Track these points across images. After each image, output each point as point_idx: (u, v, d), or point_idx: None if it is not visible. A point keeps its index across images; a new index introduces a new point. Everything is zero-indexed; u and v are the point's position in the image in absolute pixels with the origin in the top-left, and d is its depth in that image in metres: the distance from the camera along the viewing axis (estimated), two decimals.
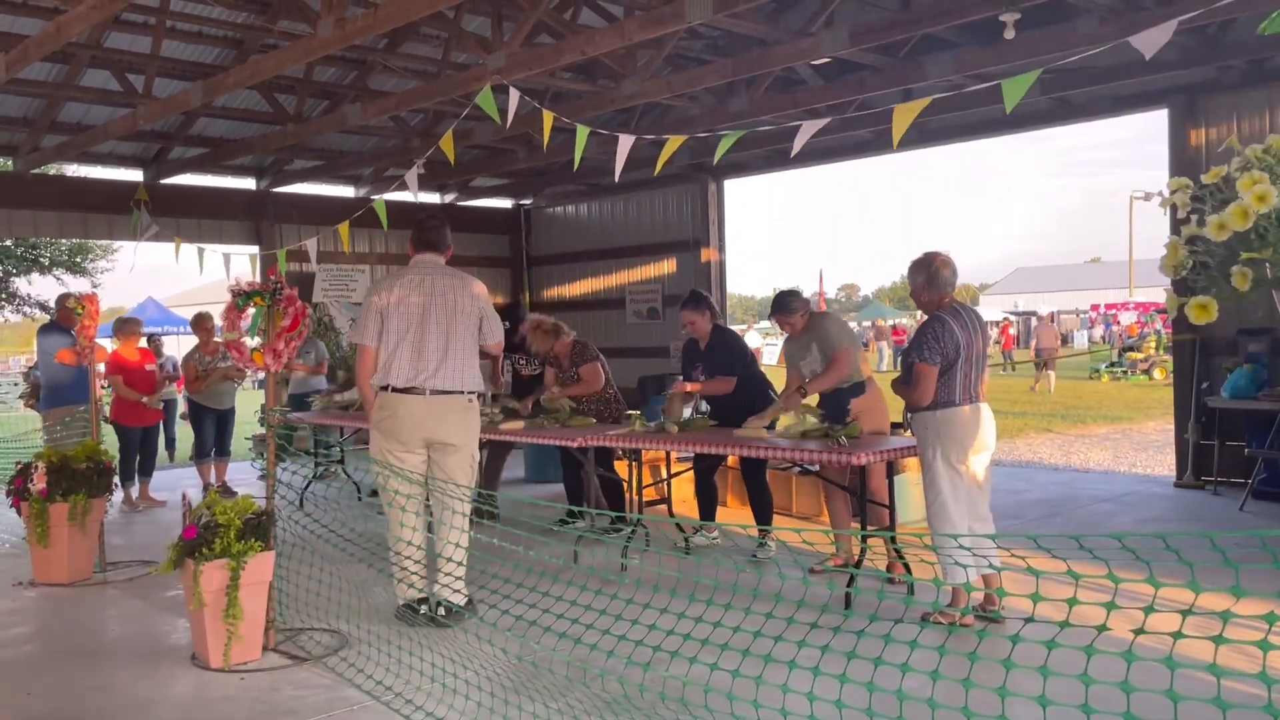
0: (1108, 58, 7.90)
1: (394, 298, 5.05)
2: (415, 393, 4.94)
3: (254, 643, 4.56)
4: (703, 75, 7.95)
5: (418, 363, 4.95)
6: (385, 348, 5.02)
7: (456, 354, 5.02)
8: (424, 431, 4.97)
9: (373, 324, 5.05)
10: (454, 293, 5.11)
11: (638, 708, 3.61)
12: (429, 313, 5.02)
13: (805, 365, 6.00)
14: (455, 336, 5.03)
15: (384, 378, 5.00)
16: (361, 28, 6.18)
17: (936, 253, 5.14)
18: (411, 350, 4.97)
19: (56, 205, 11.03)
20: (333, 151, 11.81)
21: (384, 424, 5.02)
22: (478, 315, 5.15)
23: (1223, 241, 2.02)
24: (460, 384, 5.03)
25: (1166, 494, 8.33)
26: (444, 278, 5.16)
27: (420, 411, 4.95)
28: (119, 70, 8.83)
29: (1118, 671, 2.16)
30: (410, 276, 5.14)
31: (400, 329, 4.99)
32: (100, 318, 7.27)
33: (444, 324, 5.02)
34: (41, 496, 6.07)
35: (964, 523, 4.79)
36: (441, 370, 4.97)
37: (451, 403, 5.00)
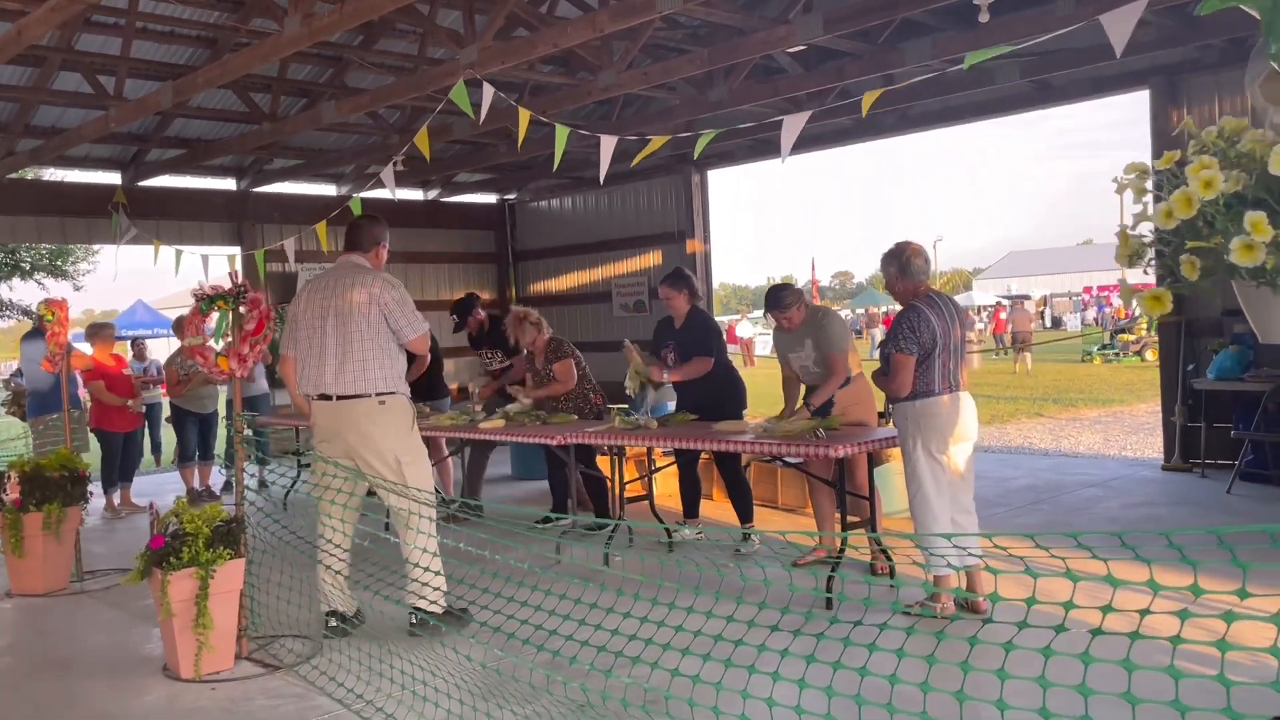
0: (1087, 38, 7.82)
1: (302, 304, 4.96)
2: (325, 399, 4.84)
3: (226, 652, 4.50)
4: (679, 66, 7.87)
5: (319, 368, 4.83)
6: (298, 354, 4.96)
7: (356, 355, 4.78)
8: (342, 439, 4.83)
9: (288, 332, 5.02)
10: (351, 292, 4.83)
11: (602, 716, 3.55)
12: (327, 315, 4.84)
13: (797, 359, 5.89)
14: (354, 336, 4.78)
15: (302, 386, 4.96)
16: (328, 24, 6.08)
17: (908, 242, 5.09)
18: (315, 356, 4.86)
19: (34, 210, 10.93)
20: (312, 150, 11.71)
21: (314, 431, 5.02)
22: (379, 313, 4.82)
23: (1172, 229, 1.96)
24: (365, 386, 4.79)
25: (1154, 477, 8.29)
26: (344, 278, 4.90)
27: (332, 418, 4.84)
28: (90, 72, 8.72)
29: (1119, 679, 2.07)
30: (316, 281, 5.03)
31: (306, 335, 4.90)
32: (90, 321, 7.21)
33: (341, 325, 4.80)
34: (15, 506, 6.00)
35: (946, 514, 4.75)
36: (342, 374, 4.79)
37: (359, 406, 4.80)
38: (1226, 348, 7.94)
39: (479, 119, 6.61)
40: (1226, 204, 1.88)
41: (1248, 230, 1.82)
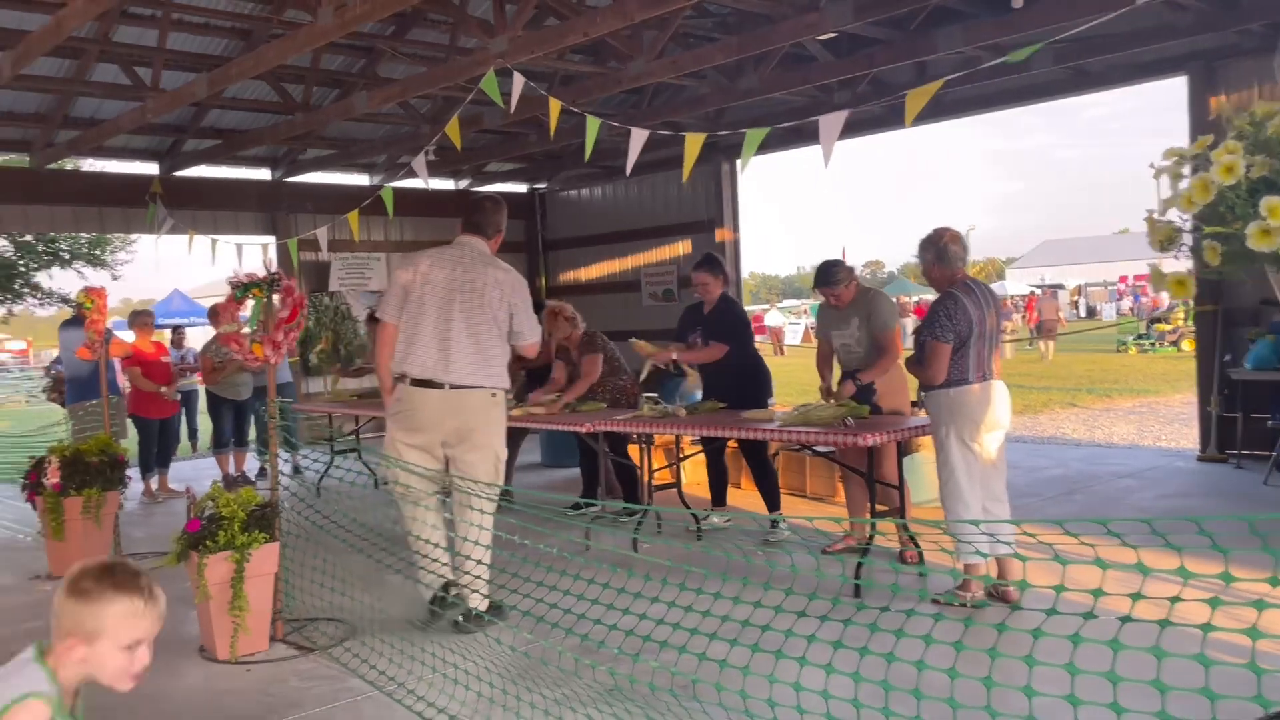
0: (1123, 25, 7.74)
1: (420, 274, 4.66)
2: (433, 386, 4.58)
3: (261, 634, 4.58)
4: (709, 54, 7.85)
5: (437, 351, 4.57)
6: (405, 329, 4.64)
7: (478, 348, 4.61)
8: (442, 430, 4.61)
9: (395, 298, 4.69)
10: (485, 282, 4.65)
11: (630, 698, 3.58)
12: (455, 299, 4.61)
13: (840, 338, 5.86)
14: (480, 327, 4.61)
15: (401, 364, 4.64)
16: (360, 14, 6.13)
17: (945, 229, 5.07)
18: (429, 337, 4.58)
19: (73, 200, 11.11)
20: (345, 140, 11.81)
21: (398, 415, 4.68)
22: (507, 312, 4.70)
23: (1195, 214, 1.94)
24: (483, 378, 4.62)
25: (1189, 468, 8.20)
26: (477, 264, 4.70)
27: (438, 407, 4.58)
28: (127, 64, 8.84)
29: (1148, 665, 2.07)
30: (441, 254, 4.75)
31: (421, 312, 4.61)
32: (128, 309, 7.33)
33: (467, 312, 4.60)
34: (55, 490, 6.12)
35: (977, 502, 4.73)
36: (461, 362, 4.58)
37: (472, 398, 4.62)
38: (1264, 337, 7.83)
39: (509, 108, 6.64)
40: (1251, 189, 1.87)
41: (1264, 215, 1.80)
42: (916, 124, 10.72)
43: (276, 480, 4.77)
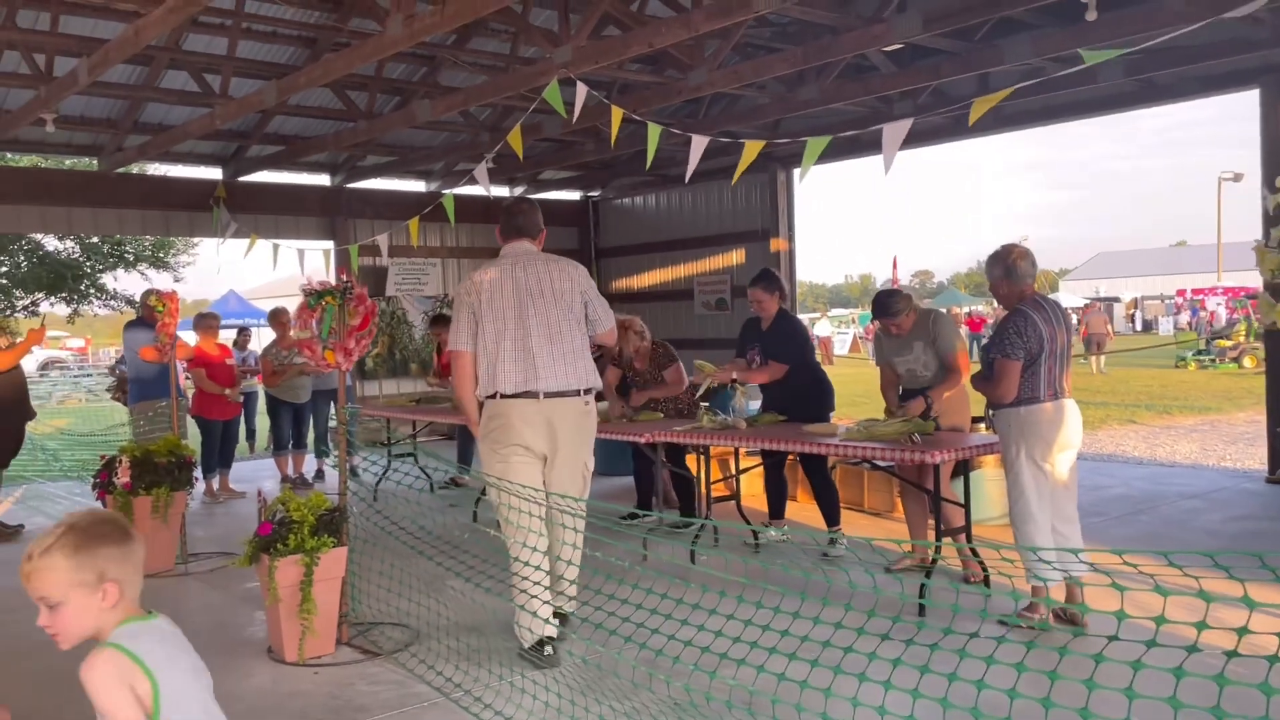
0: (1196, 37, 7.60)
1: (485, 293, 4.51)
2: (528, 397, 4.41)
3: (328, 637, 4.63)
4: (771, 64, 7.83)
5: (525, 364, 4.42)
6: (485, 352, 4.48)
7: (566, 348, 4.48)
8: (541, 437, 4.44)
9: (466, 325, 4.54)
10: (551, 278, 4.53)
11: (703, 716, 3.57)
12: (527, 305, 4.47)
13: (904, 363, 5.81)
14: (562, 328, 4.48)
15: (490, 385, 4.47)
16: (430, 25, 6.20)
17: (1014, 245, 5.01)
18: (516, 350, 4.43)
19: (140, 204, 11.36)
20: (404, 147, 11.95)
21: (496, 431, 4.47)
22: (581, 301, 4.58)
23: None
24: (574, 381, 4.48)
25: (1257, 490, 8.00)
26: (539, 264, 4.59)
27: (535, 415, 4.42)
28: (196, 71, 9.02)
29: (1209, 694, 2.04)
30: (500, 267, 4.59)
31: (498, 328, 4.46)
32: (190, 312, 7.47)
33: (546, 315, 4.47)
34: (125, 490, 6.24)
35: (1047, 523, 4.66)
36: (552, 368, 4.43)
37: (568, 405, 4.46)
38: None
39: (572, 117, 6.68)
40: None
41: None
42: (978, 134, 10.67)
43: (345, 485, 4.83)
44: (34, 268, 21.63)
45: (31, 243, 21.59)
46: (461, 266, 13.71)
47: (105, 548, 1.98)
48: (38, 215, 11.01)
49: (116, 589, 1.97)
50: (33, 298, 22.05)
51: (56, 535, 1.97)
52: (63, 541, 1.96)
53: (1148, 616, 2.23)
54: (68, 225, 12.02)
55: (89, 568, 1.95)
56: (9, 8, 7.55)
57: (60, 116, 8.90)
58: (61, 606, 1.95)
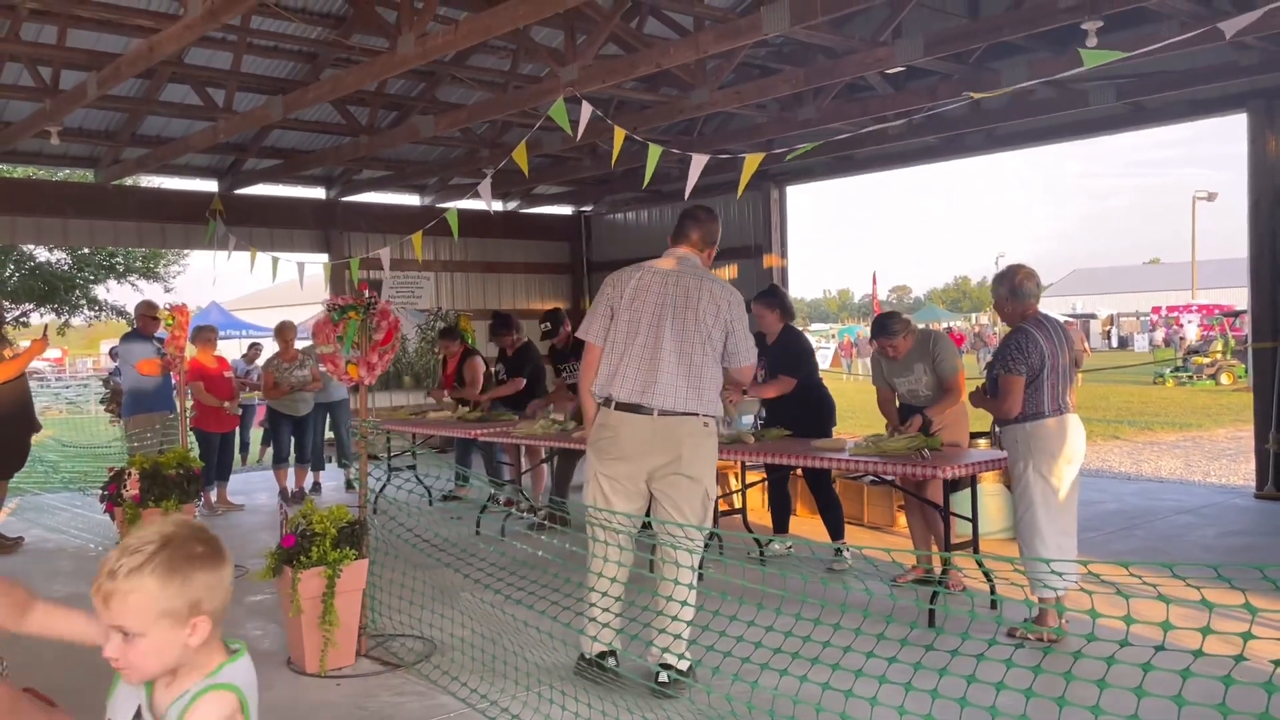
0: (1185, 62, 7.80)
1: (628, 292, 4.27)
2: (641, 411, 4.18)
3: (348, 649, 4.67)
4: (773, 85, 7.97)
5: (646, 374, 4.19)
6: (611, 351, 4.27)
7: (693, 370, 4.21)
8: (649, 459, 4.18)
9: (600, 319, 4.32)
10: (699, 298, 4.25)
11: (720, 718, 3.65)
12: (665, 316, 4.22)
13: (905, 384, 5.91)
14: (694, 350, 4.22)
15: (606, 387, 4.27)
16: (442, 44, 6.29)
17: (1020, 266, 5.16)
18: (641, 357, 4.21)
19: (136, 216, 11.36)
20: (401, 161, 12.01)
21: (603, 442, 4.25)
22: (722, 331, 4.29)
23: None
24: (696, 404, 4.21)
25: (1247, 505, 8.17)
26: (690, 279, 4.29)
27: (645, 435, 4.18)
28: (199, 85, 9.06)
29: (1214, 694, 2.16)
30: (652, 270, 4.33)
31: (631, 330, 4.24)
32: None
33: (681, 333, 4.21)
34: (134, 502, 6.25)
35: (1053, 537, 4.77)
36: (674, 387, 4.18)
37: (685, 425, 4.20)
38: None
39: (577, 135, 6.77)
40: None
41: None
42: (967, 155, 10.86)
43: (365, 497, 4.88)
44: (25, 278, 21.53)
45: (22, 253, 21.47)
46: (455, 280, 13.77)
47: (201, 573, 1.65)
48: (33, 226, 10.98)
49: (208, 623, 1.65)
50: (22, 308, 21.91)
51: (149, 552, 1.62)
52: (157, 561, 1.62)
53: (1153, 622, 2.34)
54: (63, 236, 11.96)
55: (181, 595, 1.62)
56: (13, 21, 7.58)
57: (61, 129, 8.90)
58: (139, 639, 1.62)
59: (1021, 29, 6.42)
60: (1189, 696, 2.12)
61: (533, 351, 8.86)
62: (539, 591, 4.67)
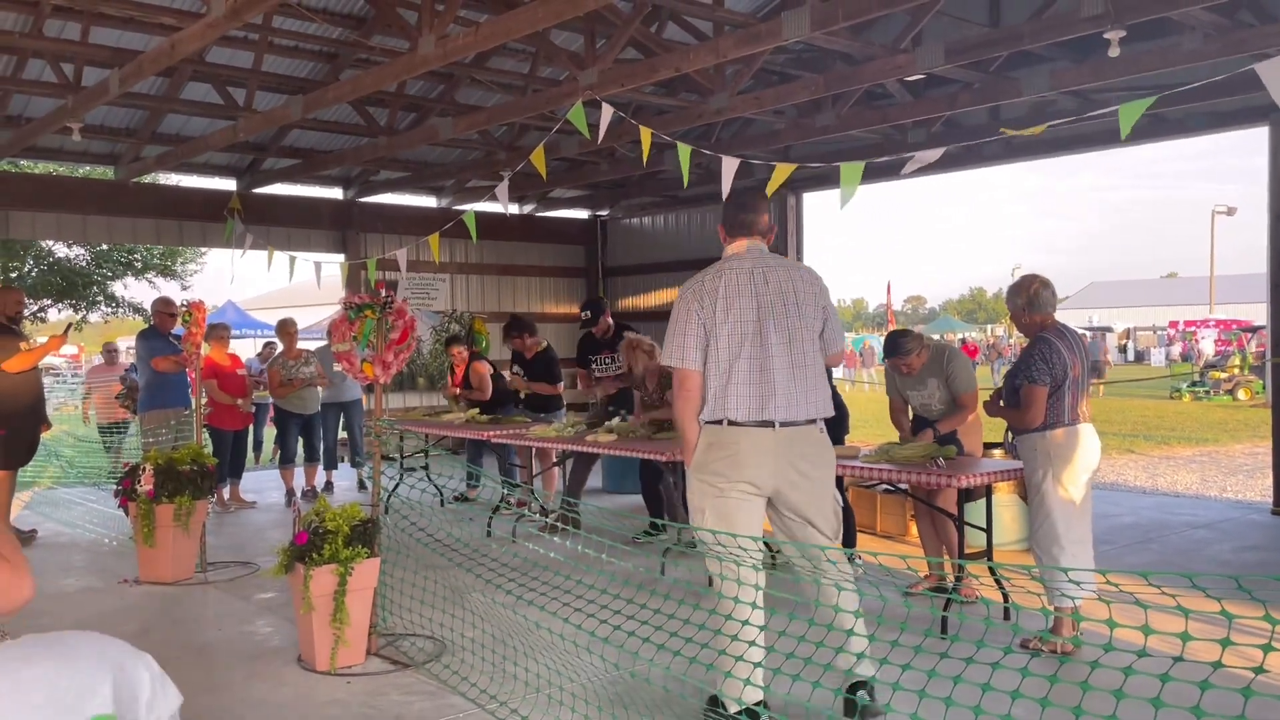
0: (1207, 74, 7.74)
1: (720, 304, 3.83)
2: (763, 426, 3.81)
3: (358, 647, 4.67)
4: (793, 91, 7.96)
5: (762, 388, 3.81)
6: (715, 371, 3.84)
7: (808, 371, 3.88)
8: (774, 475, 3.82)
9: (694, 340, 3.86)
10: (795, 288, 3.89)
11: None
12: (768, 319, 3.83)
13: (918, 398, 5.88)
14: (805, 348, 3.89)
15: (718, 410, 3.83)
16: (463, 45, 6.30)
17: (1035, 275, 5.13)
18: (753, 372, 3.81)
19: (154, 213, 11.42)
20: (418, 163, 12.04)
21: (718, 463, 3.83)
22: (822, 317, 3.95)
23: None
24: (815, 409, 3.90)
25: (1265, 521, 8.10)
26: (780, 270, 3.92)
27: (770, 447, 3.81)
28: (220, 84, 9.11)
29: (1233, 706, 2.14)
30: (735, 274, 3.88)
31: (733, 345, 3.82)
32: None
33: (788, 332, 3.85)
34: (149, 497, 6.28)
35: (1071, 546, 4.75)
36: (794, 394, 3.83)
37: (808, 436, 3.89)
38: None
39: (596, 139, 6.78)
40: None
41: None
42: (986, 164, 10.83)
43: (378, 496, 4.88)
44: (44, 274, 21.68)
45: (41, 249, 21.62)
46: (471, 283, 13.79)
47: None
48: (53, 222, 11.06)
49: None
50: (40, 304, 22.07)
51: None
52: None
53: (1171, 634, 2.33)
54: (83, 233, 12.05)
55: None
56: (37, 17, 7.63)
57: (82, 125, 8.96)
58: None
59: (1043, 38, 6.40)
60: (1207, 708, 2.09)
61: (554, 356, 8.84)
62: (551, 593, 4.65)
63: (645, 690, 4.08)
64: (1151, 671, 2.28)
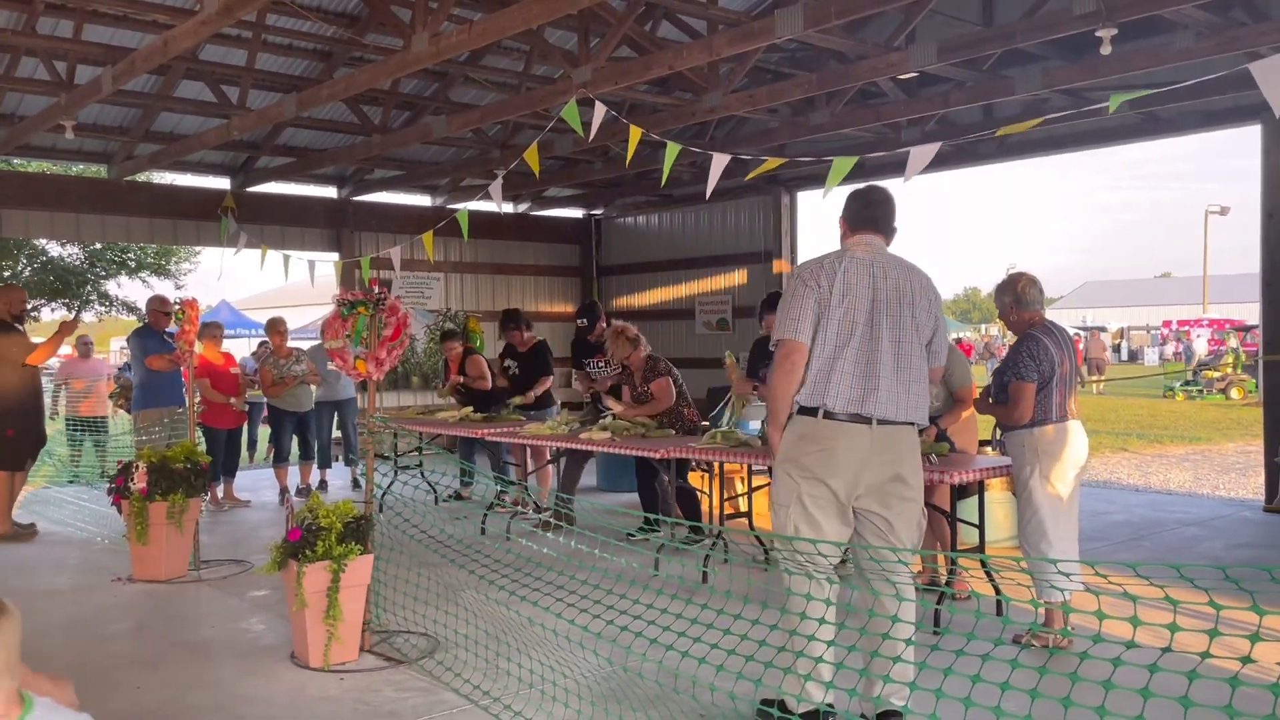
0: (1200, 72, 7.77)
1: (837, 288, 3.72)
2: (860, 422, 3.69)
3: (352, 644, 4.67)
4: (786, 89, 7.97)
5: (865, 381, 3.70)
6: (821, 353, 3.72)
7: (913, 374, 3.79)
8: (865, 476, 3.70)
9: (808, 314, 3.72)
10: (913, 292, 3.82)
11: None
12: (881, 315, 3.74)
13: None
14: (913, 350, 3.81)
15: (816, 396, 3.72)
16: (456, 43, 6.30)
17: (1021, 273, 5.16)
18: (859, 364, 3.70)
19: (148, 212, 11.40)
20: (412, 161, 12.04)
21: (808, 458, 3.71)
22: (933, 325, 3.89)
23: None
24: (914, 414, 3.81)
25: (1256, 519, 8.13)
26: (899, 271, 3.83)
27: (864, 445, 3.69)
28: (213, 82, 9.10)
29: (1221, 696, 2.16)
30: (856, 263, 3.79)
31: (843, 332, 3.71)
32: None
33: (899, 332, 3.77)
34: (142, 495, 6.27)
35: (1060, 542, 4.77)
36: (896, 394, 3.72)
37: (905, 437, 3.79)
38: None
39: (589, 137, 6.78)
40: None
41: None
42: (979, 163, 10.85)
43: (372, 492, 4.88)
44: (37, 273, 21.64)
45: (35, 248, 21.58)
46: (465, 282, 13.79)
47: None
48: (47, 221, 11.04)
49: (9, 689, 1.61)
50: (34, 303, 22.03)
51: None
52: None
53: (1159, 625, 2.34)
54: (76, 232, 12.04)
55: None
56: (29, 15, 7.62)
57: (75, 123, 8.94)
58: None
59: (1035, 36, 6.42)
60: (1195, 698, 2.11)
61: (548, 349, 8.87)
62: (544, 589, 4.66)
63: (639, 686, 4.08)
64: (1140, 663, 2.29)
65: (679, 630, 3.43)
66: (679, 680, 3.91)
